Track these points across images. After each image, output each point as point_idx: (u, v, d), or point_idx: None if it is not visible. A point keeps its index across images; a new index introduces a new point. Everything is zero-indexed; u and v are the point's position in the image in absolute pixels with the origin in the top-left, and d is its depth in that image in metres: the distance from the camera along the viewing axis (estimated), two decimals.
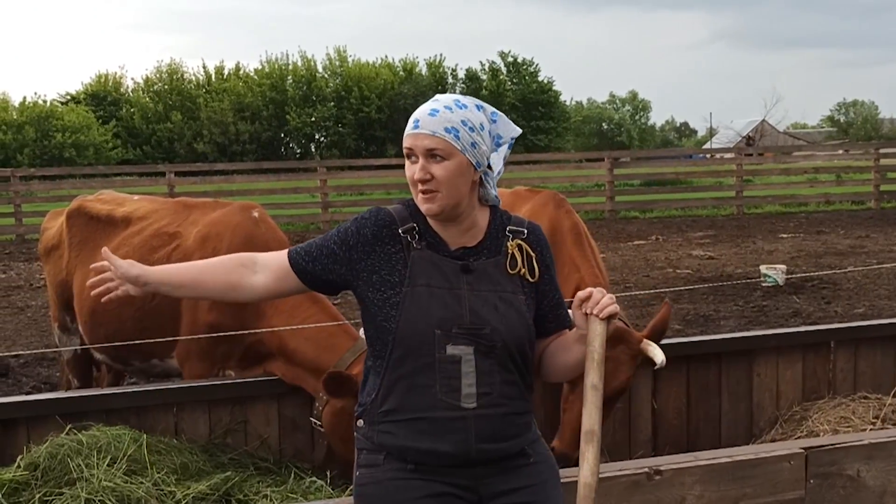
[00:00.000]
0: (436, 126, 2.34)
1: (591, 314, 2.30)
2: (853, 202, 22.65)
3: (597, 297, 2.31)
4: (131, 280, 2.54)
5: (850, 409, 4.41)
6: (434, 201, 2.35)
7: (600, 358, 2.28)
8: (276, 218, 18.75)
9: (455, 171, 2.34)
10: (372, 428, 2.41)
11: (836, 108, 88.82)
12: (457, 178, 2.35)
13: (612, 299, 2.32)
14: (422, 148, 2.34)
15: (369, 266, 2.43)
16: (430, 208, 2.37)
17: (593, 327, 2.30)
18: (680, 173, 24.11)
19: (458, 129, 2.34)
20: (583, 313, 2.33)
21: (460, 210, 2.40)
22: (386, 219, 2.45)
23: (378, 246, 2.43)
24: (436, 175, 2.33)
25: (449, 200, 2.36)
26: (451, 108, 2.37)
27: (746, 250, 14.89)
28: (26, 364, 7.78)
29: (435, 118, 2.35)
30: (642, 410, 4.55)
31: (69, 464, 3.36)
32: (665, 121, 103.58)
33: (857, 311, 9.45)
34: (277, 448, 4.06)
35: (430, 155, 2.34)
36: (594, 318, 2.30)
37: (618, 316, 2.35)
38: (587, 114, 70.58)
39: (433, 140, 2.33)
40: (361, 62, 52.48)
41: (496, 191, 2.48)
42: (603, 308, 2.29)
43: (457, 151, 2.34)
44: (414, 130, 2.36)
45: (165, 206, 4.90)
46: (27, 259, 16.22)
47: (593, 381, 2.28)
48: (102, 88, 51.30)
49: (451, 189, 2.35)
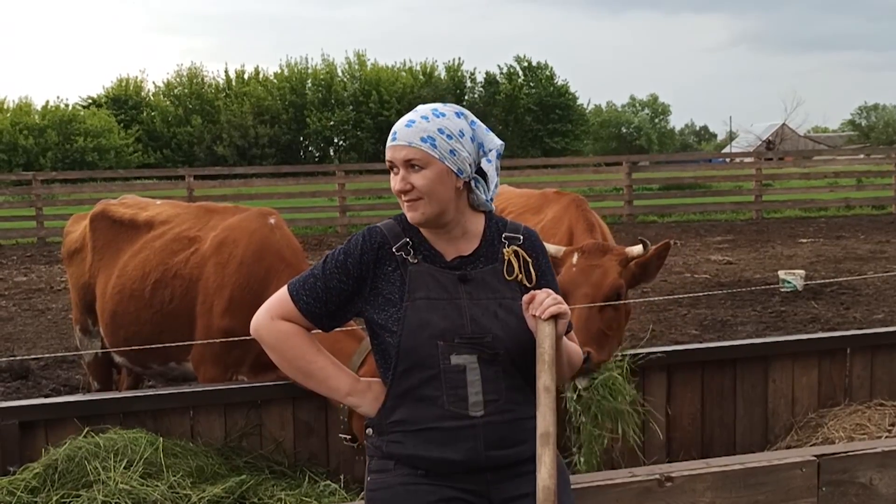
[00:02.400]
0: (412, 137, 2.37)
1: (536, 316, 2.30)
2: (874, 207, 22.46)
3: (540, 298, 2.31)
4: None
5: (866, 417, 4.39)
6: (417, 209, 2.39)
7: (551, 359, 2.26)
8: (295, 222, 19.10)
9: (434, 179, 2.37)
10: (381, 438, 2.44)
11: (857, 112, 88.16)
12: (437, 186, 2.37)
13: (557, 300, 2.30)
14: (400, 159, 2.38)
15: (374, 289, 2.45)
16: (414, 217, 2.40)
17: (541, 328, 2.29)
18: (699, 177, 24.01)
19: (435, 137, 2.37)
20: (531, 315, 2.32)
21: (447, 218, 2.43)
22: (379, 239, 2.46)
23: (378, 268, 2.44)
24: (416, 185, 2.37)
25: (432, 208, 2.39)
26: (427, 118, 2.40)
27: (765, 255, 14.81)
28: (46, 366, 7.85)
29: (411, 129, 2.38)
30: (656, 415, 4.54)
31: (86, 466, 3.41)
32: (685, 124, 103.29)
33: (876, 317, 9.38)
34: (292, 451, 4.08)
35: (408, 165, 2.38)
36: (540, 320, 2.29)
37: (567, 317, 2.32)
38: (606, 117, 70.39)
39: (409, 150, 2.37)
40: (380, 66, 52.68)
41: (489, 196, 2.49)
42: (545, 309, 2.28)
43: (434, 160, 2.36)
44: (392, 143, 2.40)
45: (188, 210, 4.96)
46: (48, 262, 16.37)
47: (545, 382, 2.25)
48: (124, 92, 51.69)
49: (433, 197, 2.38)
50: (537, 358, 2.29)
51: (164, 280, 4.53)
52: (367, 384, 2.50)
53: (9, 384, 7.27)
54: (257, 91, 50.14)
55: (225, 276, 4.34)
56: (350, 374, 2.53)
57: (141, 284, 4.60)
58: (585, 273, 4.16)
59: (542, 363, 2.27)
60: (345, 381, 2.50)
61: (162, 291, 4.53)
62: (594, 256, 4.21)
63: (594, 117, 65.46)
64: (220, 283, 4.34)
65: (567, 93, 54.90)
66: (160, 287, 4.54)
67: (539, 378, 2.27)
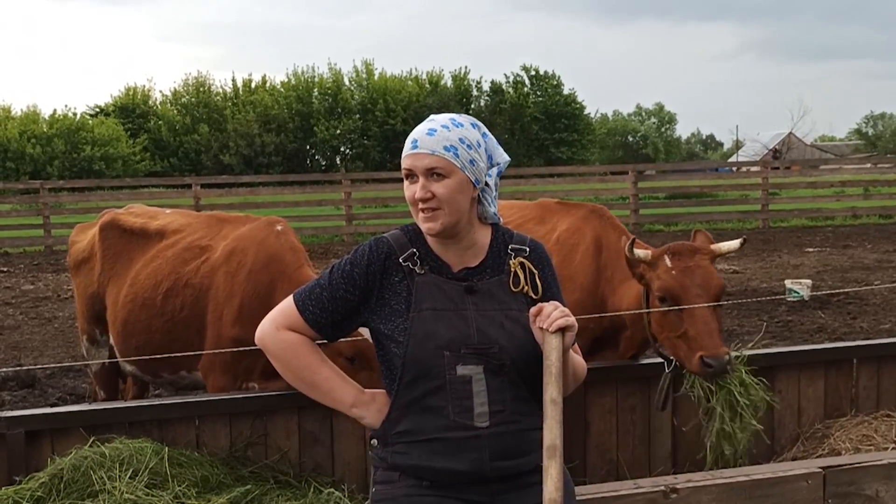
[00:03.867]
0: (435, 145, 2.36)
1: (544, 329, 2.30)
2: (881, 216, 22.42)
3: (547, 310, 2.31)
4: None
5: (873, 428, 4.37)
6: (436, 220, 2.37)
7: (558, 371, 2.27)
8: (301, 230, 19.10)
9: (456, 188, 2.37)
10: (386, 449, 2.44)
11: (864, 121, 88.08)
12: (457, 196, 2.37)
13: (564, 312, 2.30)
14: (422, 167, 2.36)
15: (380, 300, 2.45)
16: (432, 227, 2.38)
17: (548, 341, 2.29)
18: (705, 186, 23.99)
19: (457, 146, 2.37)
20: (538, 328, 2.33)
21: (460, 228, 2.43)
22: (386, 250, 2.45)
23: (385, 279, 2.44)
24: (437, 193, 2.35)
25: (450, 218, 2.38)
26: (447, 127, 2.39)
27: (772, 264, 14.78)
28: (52, 375, 7.87)
29: (433, 137, 2.37)
30: (662, 426, 4.53)
31: (92, 476, 3.41)
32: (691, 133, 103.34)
33: (883, 327, 9.35)
34: (297, 461, 4.08)
35: (430, 174, 2.36)
36: (547, 333, 2.29)
37: (574, 329, 2.32)
38: (612, 126, 70.43)
39: (433, 159, 2.36)
40: (387, 75, 52.80)
41: (495, 208, 2.50)
42: (553, 321, 2.28)
43: (456, 169, 2.37)
44: (413, 150, 2.38)
45: (199, 219, 4.97)
46: (55, 270, 16.41)
47: (552, 395, 2.25)
48: (131, 101, 51.93)
49: (452, 207, 2.37)
50: (544, 370, 2.29)
51: (176, 289, 4.55)
52: (372, 395, 2.50)
53: (15, 393, 7.29)
54: (264, 100, 50.29)
55: (234, 284, 4.35)
56: (354, 386, 2.53)
57: (153, 293, 4.61)
58: (690, 274, 4.06)
59: (550, 375, 2.27)
60: (349, 393, 2.50)
61: (173, 300, 4.54)
62: (687, 257, 4.12)
63: (600, 126, 65.46)
64: (230, 291, 4.35)
65: (574, 102, 54.96)
66: (171, 296, 4.55)
67: (546, 390, 2.27)
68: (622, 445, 4.49)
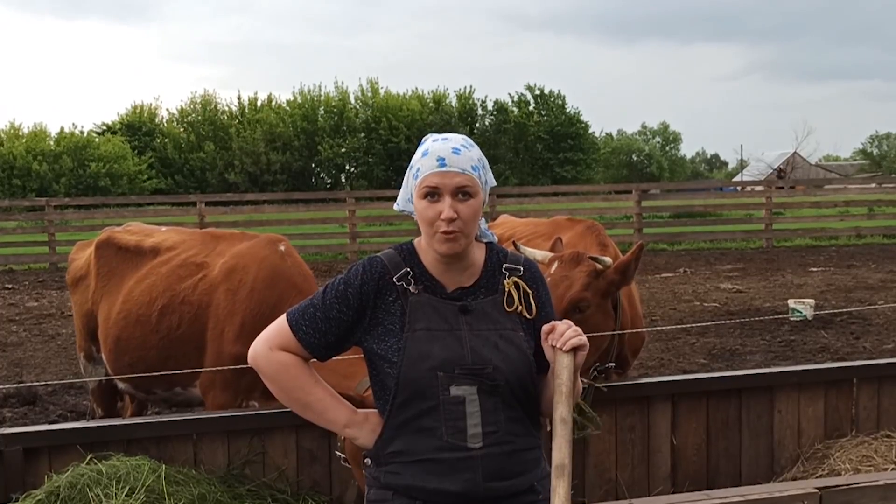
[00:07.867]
0: (464, 164, 2.35)
1: (556, 347, 2.29)
2: (885, 236, 22.38)
3: (561, 329, 2.29)
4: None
5: (873, 448, 4.36)
6: (458, 241, 2.35)
7: (568, 391, 2.25)
8: (305, 248, 19.13)
9: (477, 208, 2.38)
10: (379, 468, 2.43)
11: (869, 141, 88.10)
12: (477, 215, 2.39)
13: (577, 332, 2.29)
14: (452, 186, 2.33)
15: (374, 320, 2.43)
16: (454, 247, 2.35)
17: (560, 360, 2.27)
18: (709, 206, 23.98)
19: (478, 166, 2.38)
20: (549, 346, 2.32)
21: (469, 248, 2.43)
22: (380, 269, 2.44)
23: (379, 298, 2.43)
24: (461, 214, 2.33)
25: (469, 238, 2.38)
26: (467, 147, 2.39)
27: (775, 284, 14.76)
28: (54, 392, 7.88)
29: (460, 156, 2.36)
30: (661, 446, 4.53)
31: (88, 493, 3.41)
32: (696, 152, 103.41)
33: (886, 347, 9.32)
34: (295, 480, 4.08)
35: (457, 193, 2.34)
36: (559, 351, 2.28)
37: (586, 349, 2.31)
38: (617, 145, 70.50)
39: (464, 178, 2.34)
40: (391, 93, 52.95)
41: (486, 227, 2.52)
42: (566, 341, 2.27)
43: (479, 189, 2.38)
44: (441, 168, 2.34)
45: (193, 236, 4.98)
46: (59, 287, 16.44)
47: (562, 414, 2.24)
48: (138, 119, 52.11)
49: (472, 227, 2.38)
50: (554, 389, 2.27)
51: (172, 306, 4.55)
52: (365, 416, 2.49)
53: (16, 410, 7.30)
54: (270, 118, 50.44)
55: (236, 302, 4.35)
56: (348, 406, 2.52)
57: (147, 310, 4.62)
58: (555, 284, 4.08)
59: (560, 394, 2.26)
60: (342, 414, 2.50)
61: (169, 317, 4.54)
62: (568, 267, 4.17)
63: (605, 145, 65.52)
64: (232, 309, 4.36)
65: (579, 121, 55.03)
66: (167, 312, 4.55)
67: (556, 409, 2.26)
68: (621, 465, 4.48)
